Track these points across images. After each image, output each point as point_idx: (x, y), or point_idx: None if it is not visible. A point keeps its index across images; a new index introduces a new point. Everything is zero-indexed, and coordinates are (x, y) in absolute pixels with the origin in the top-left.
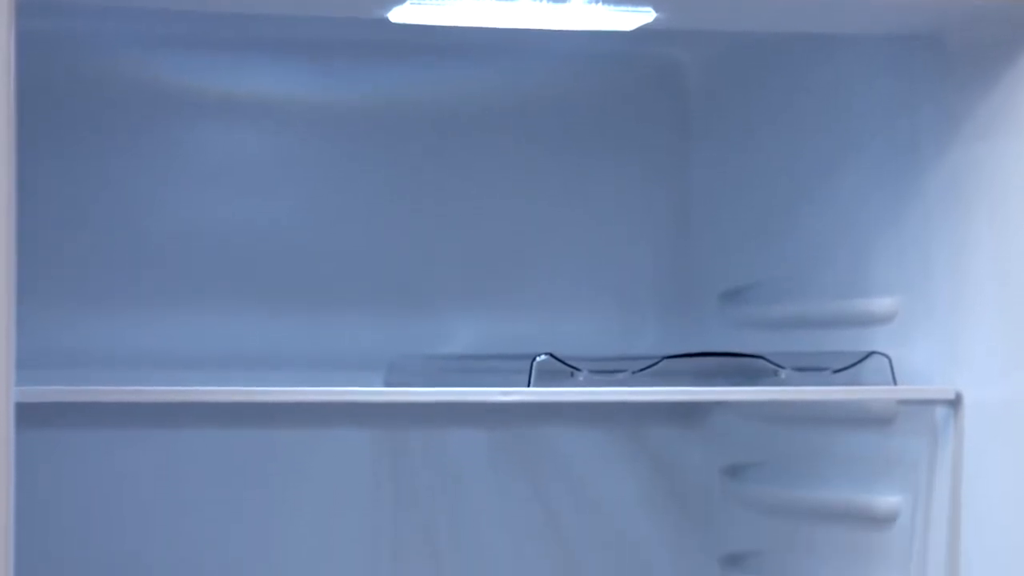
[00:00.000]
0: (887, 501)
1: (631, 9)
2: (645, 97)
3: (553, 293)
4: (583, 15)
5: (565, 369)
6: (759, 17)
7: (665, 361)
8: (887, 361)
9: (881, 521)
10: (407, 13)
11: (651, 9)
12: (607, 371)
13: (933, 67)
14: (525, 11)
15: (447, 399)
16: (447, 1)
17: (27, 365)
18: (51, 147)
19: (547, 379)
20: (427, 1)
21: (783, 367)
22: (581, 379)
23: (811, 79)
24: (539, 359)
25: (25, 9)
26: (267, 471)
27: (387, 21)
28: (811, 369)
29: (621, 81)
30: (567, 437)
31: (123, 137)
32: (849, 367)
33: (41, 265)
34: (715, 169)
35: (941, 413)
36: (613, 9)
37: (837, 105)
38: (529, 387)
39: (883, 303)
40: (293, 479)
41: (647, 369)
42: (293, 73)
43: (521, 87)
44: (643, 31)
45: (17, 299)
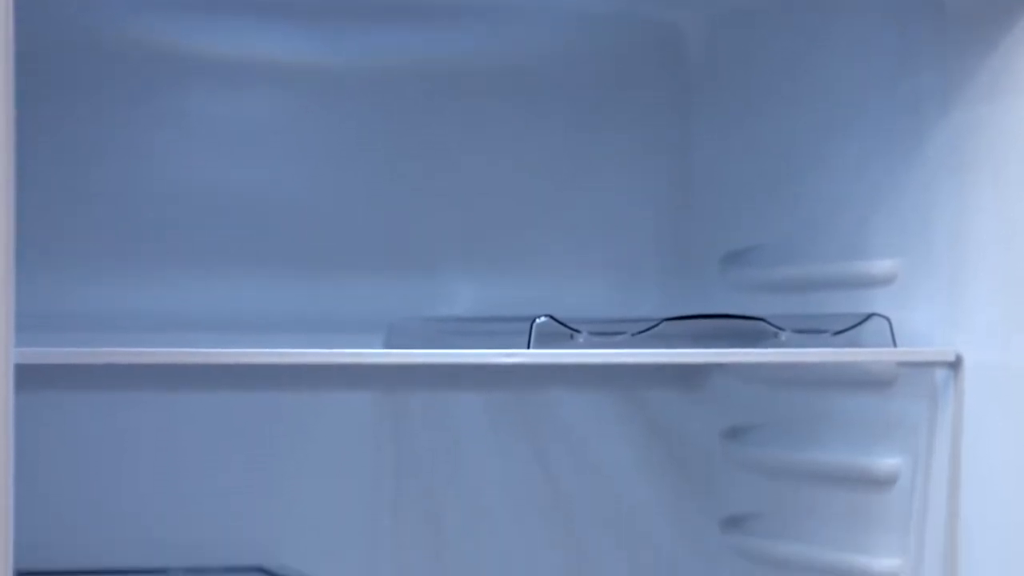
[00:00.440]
0: (887, 463)
1: None
2: (646, 60)
3: (553, 256)
4: None
5: (565, 331)
6: None
7: (665, 323)
8: (887, 323)
9: (881, 483)
10: None
11: None
12: (607, 333)
13: (933, 30)
14: None
15: (447, 361)
16: None
17: (27, 328)
18: (50, 110)
19: (547, 341)
20: None
21: (783, 329)
22: (581, 341)
23: (812, 43)
24: (539, 321)
25: None
26: (267, 434)
27: None
28: (811, 331)
29: (622, 44)
30: (567, 400)
31: (123, 100)
32: (849, 329)
33: (41, 228)
34: (716, 132)
35: (941, 375)
36: None
37: (838, 68)
38: (529, 349)
39: (883, 265)
40: (293, 442)
41: (647, 331)
42: (293, 36)
43: (521, 51)
44: None
45: (17, 262)
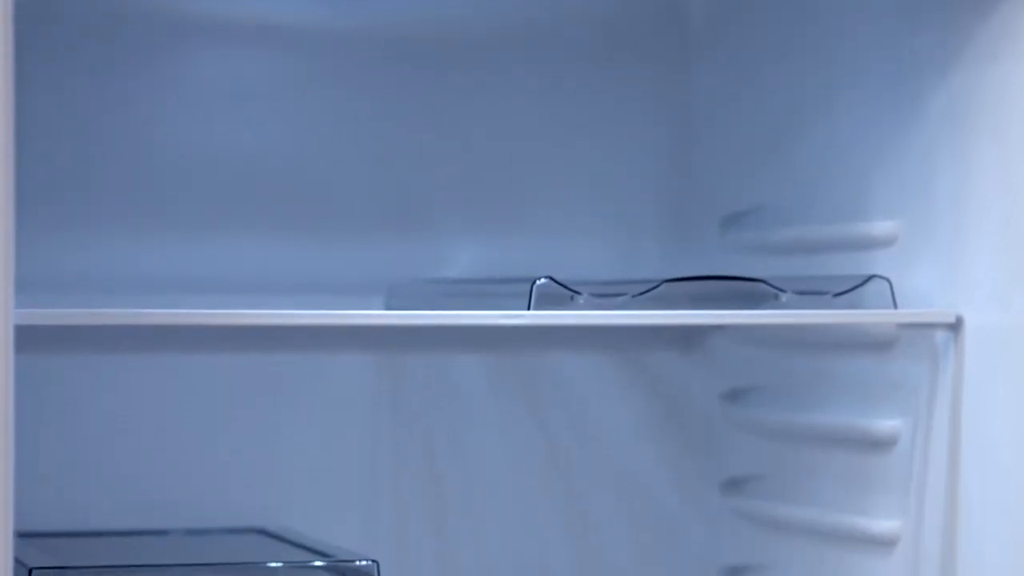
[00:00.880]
0: (887, 425)
1: None
2: (647, 20)
3: (553, 217)
4: None
5: (565, 293)
6: None
7: (665, 285)
8: (888, 285)
9: (881, 445)
10: None
11: None
12: (607, 295)
13: None
14: None
15: (447, 322)
16: None
17: (27, 290)
18: (51, 70)
19: (547, 303)
20: None
21: (783, 291)
22: (581, 303)
23: (812, 3)
24: (539, 283)
25: None
26: (267, 396)
27: None
28: (811, 293)
29: (623, 3)
30: (567, 362)
31: (124, 61)
32: (850, 291)
33: (41, 189)
34: (716, 93)
35: (942, 337)
36: None
37: (838, 29)
38: (529, 310)
39: (884, 227)
40: (293, 404)
41: (647, 293)
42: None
43: (522, 10)
44: None
45: (17, 223)
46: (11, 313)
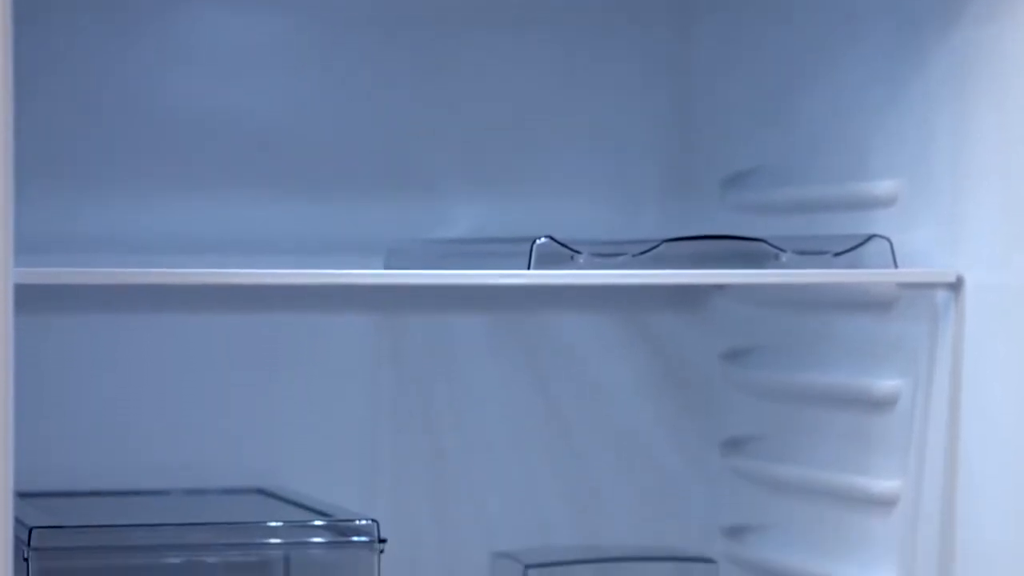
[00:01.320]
0: (887, 385)
1: None
2: None
3: (554, 177)
4: None
5: (565, 252)
6: None
7: (665, 244)
8: (888, 244)
9: (881, 405)
10: None
11: None
12: (607, 254)
13: None
14: None
15: (447, 281)
16: None
17: (27, 250)
18: (51, 31)
19: (547, 262)
20: None
21: (784, 250)
22: (581, 262)
23: None
24: (539, 242)
25: None
26: (267, 356)
27: None
28: (812, 252)
29: None
30: (567, 322)
31: (123, 21)
32: (850, 250)
33: (41, 150)
34: (717, 53)
35: (942, 296)
36: None
37: None
38: (529, 270)
39: (884, 186)
40: (293, 364)
41: (647, 252)
42: None
43: None
44: None
45: (17, 183)
46: (11, 272)
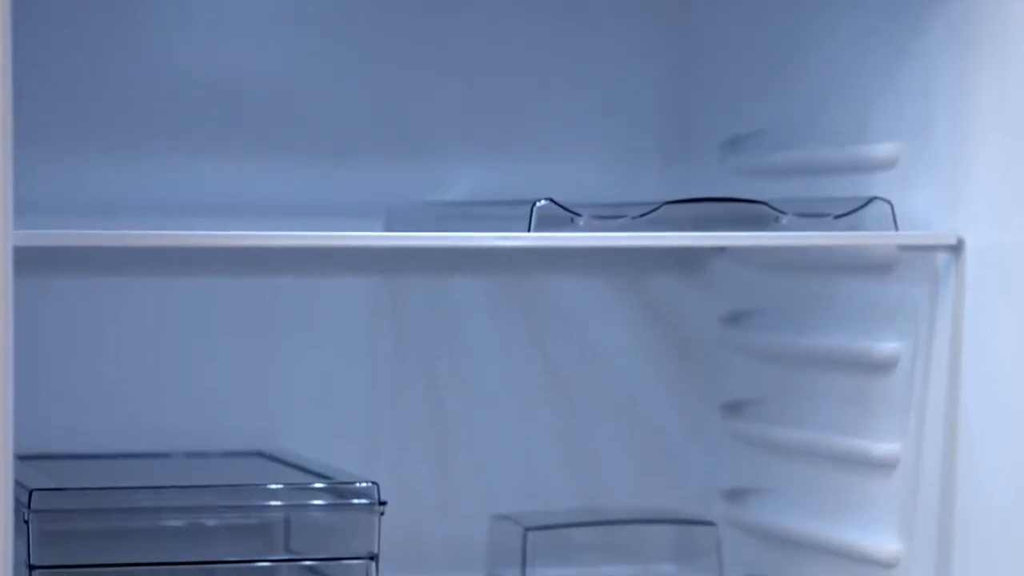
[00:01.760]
0: (887, 347)
1: None
2: None
3: (554, 140)
4: None
5: (565, 215)
6: None
7: (666, 207)
8: (889, 207)
9: (881, 367)
10: None
11: None
12: (608, 217)
13: None
14: None
15: (447, 244)
16: None
17: (27, 213)
18: None
19: (547, 225)
20: None
21: (784, 213)
22: (581, 224)
23: None
24: (539, 204)
25: None
26: (266, 319)
27: None
28: (812, 215)
29: None
30: (567, 285)
31: None
32: (850, 213)
33: (39, 112)
34: (718, 16)
35: (942, 259)
36: None
37: None
38: (529, 232)
39: (885, 149)
40: (292, 327)
41: (648, 215)
42: None
43: None
44: None
45: (15, 146)
46: (10, 234)
